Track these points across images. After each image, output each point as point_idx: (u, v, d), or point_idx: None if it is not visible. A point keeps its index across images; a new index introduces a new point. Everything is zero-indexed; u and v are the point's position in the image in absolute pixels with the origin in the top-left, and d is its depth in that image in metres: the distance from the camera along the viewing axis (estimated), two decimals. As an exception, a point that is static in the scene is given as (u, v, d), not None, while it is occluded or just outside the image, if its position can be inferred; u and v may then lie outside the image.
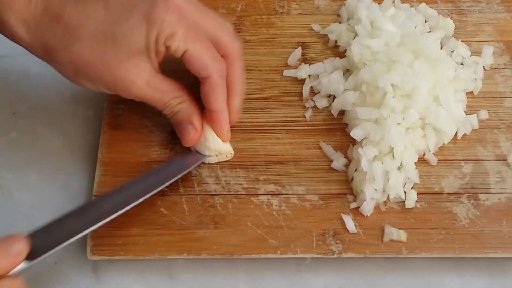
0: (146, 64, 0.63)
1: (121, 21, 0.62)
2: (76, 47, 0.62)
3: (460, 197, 0.66)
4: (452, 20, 0.76)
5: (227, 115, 0.67)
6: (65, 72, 0.64)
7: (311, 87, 0.73)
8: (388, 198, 0.66)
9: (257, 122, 0.71)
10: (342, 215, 0.65)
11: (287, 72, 0.74)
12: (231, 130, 0.69)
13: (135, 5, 0.62)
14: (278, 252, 0.63)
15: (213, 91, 0.65)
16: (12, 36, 0.64)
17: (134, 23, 0.61)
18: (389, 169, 0.65)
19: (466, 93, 0.72)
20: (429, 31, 0.75)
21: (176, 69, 0.66)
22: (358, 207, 0.65)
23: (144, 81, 0.63)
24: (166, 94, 0.65)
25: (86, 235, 0.62)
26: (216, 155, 0.68)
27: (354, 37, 0.74)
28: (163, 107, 0.66)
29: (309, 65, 0.75)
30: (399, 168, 0.66)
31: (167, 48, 0.63)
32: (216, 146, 0.67)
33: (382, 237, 0.64)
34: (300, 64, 0.75)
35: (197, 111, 0.67)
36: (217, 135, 0.67)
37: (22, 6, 0.63)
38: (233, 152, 0.69)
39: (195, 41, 0.63)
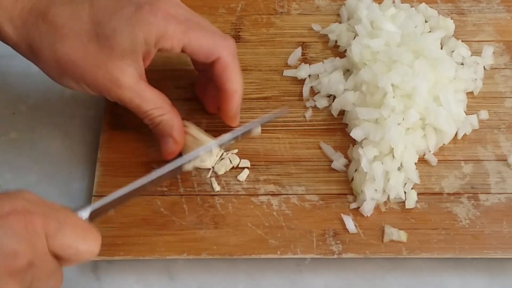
0: (129, 68, 0.62)
1: (104, 22, 0.61)
2: (60, 46, 0.62)
3: (460, 198, 0.66)
4: (452, 20, 0.76)
5: (240, 98, 0.66)
6: (49, 72, 0.64)
7: (311, 87, 0.73)
8: (388, 198, 0.66)
9: (257, 122, 0.71)
10: (342, 215, 0.65)
11: (287, 72, 0.74)
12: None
13: (120, 8, 0.62)
14: (278, 252, 0.63)
15: (225, 71, 0.64)
16: None
17: (116, 25, 0.61)
18: (389, 169, 0.65)
19: (466, 93, 0.72)
20: (429, 31, 0.75)
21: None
22: (358, 207, 0.65)
23: (125, 84, 0.63)
24: (146, 102, 0.64)
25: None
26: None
27: (354, 37, 0.74)
28: (144, 115, 0.65)
29: (309, 65, 0.75)
30: (399, 169, 0.66)
31: (161, 49, 0.62)
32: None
33: (382, 237, 0.64)
34: (300, 64, 0.75)
35: (179, 125, 0.66)
36: (223, 118, 0.66)
37: (9, 4, 0.63)
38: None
39: (188, 31, 0.62)
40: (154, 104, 0.64)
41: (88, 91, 0.64)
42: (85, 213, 0.57)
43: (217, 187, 0.67)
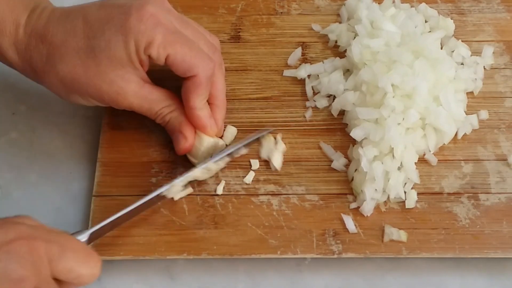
0: (131, 75, 0.63)
1: (98, 35, 0.62)
2: (61, 66, 0.63)
3: (460, 197, 0.66)
4: (452, 20, 0.76)
5: (207, 111, 0.66)
6: (57, 91, 0.65)
7: (311, 87, 0.73)
8: (388, 198, 0.66)
9: (257, 122, 0.71)
10: (342, 215, 0.65)
11: (287, 72, 0.74)
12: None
13: (111, 18, 0.62)
14: (278, 252, 0.63)
15: (195, 89, 0.64)
16: (5, 60, 0.65)
17: (110, 36, 0.62)
18: (389, 169, 0.65)
19: (466, 93, 0.72)
20: (429, 31, 0.75)
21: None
22: (358, 207, 0.65)
23: (130, 92, 0.63)
24: (155, 104, 0.65)
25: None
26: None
27: (354, 37, 0.74)
28: (154, 116, 0.66)
29: (310, 64, 0.74)
30: (399, 168, 0.66)
31: (149, 57, 0.63)
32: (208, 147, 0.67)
33: (382, 237, 0.64)
34: (300, 64, 0.75)
35: (188, 120, 0.66)
36: (200, 131, 0.66)
37: (12, 30, 0.64)
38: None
39: (175, 44, 0.63)
40: (162, 103, 0.65)
41: (97, 104, 0.65)
42: (84, 237, 0.58)
43: (220, 191, 0.67)
